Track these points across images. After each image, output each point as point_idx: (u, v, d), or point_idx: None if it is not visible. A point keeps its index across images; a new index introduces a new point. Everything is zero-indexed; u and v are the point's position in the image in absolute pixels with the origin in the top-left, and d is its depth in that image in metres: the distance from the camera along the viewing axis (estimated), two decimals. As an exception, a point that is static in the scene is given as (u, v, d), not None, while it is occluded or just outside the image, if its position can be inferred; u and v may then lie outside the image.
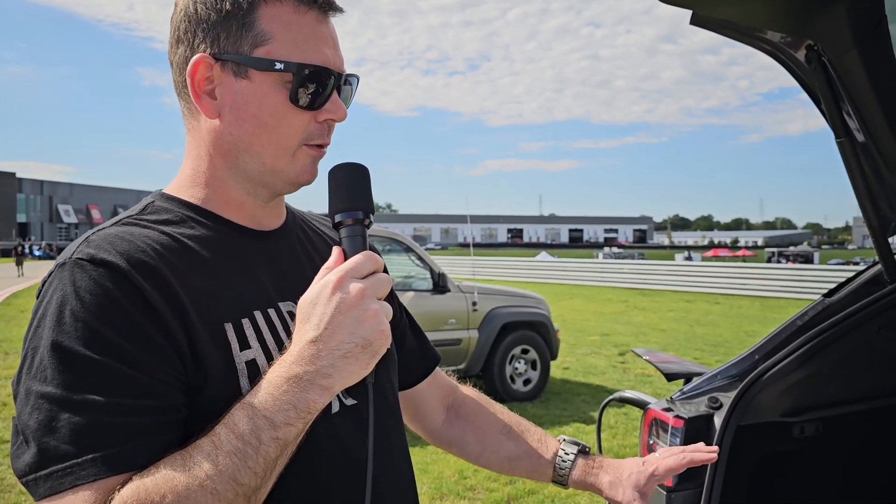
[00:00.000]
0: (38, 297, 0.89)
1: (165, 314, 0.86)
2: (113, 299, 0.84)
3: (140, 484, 0.77)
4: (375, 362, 0.87)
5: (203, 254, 0.97)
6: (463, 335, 7.46)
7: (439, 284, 7.38)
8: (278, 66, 0.94)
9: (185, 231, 0.98)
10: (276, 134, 0.97)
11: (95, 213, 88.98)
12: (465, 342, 7.47)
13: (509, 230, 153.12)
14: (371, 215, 0.97)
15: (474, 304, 7.59)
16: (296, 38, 0.95)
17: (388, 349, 1.17)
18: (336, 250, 0.93)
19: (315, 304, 0.86)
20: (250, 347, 0.93)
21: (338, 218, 0.95)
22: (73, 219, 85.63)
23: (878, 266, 2.39)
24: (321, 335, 0.83)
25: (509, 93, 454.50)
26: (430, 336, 6.17)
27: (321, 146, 1.01)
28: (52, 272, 0.89)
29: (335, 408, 1.00)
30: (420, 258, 7.54)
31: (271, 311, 0.99)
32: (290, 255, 1.08)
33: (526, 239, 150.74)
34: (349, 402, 1.03)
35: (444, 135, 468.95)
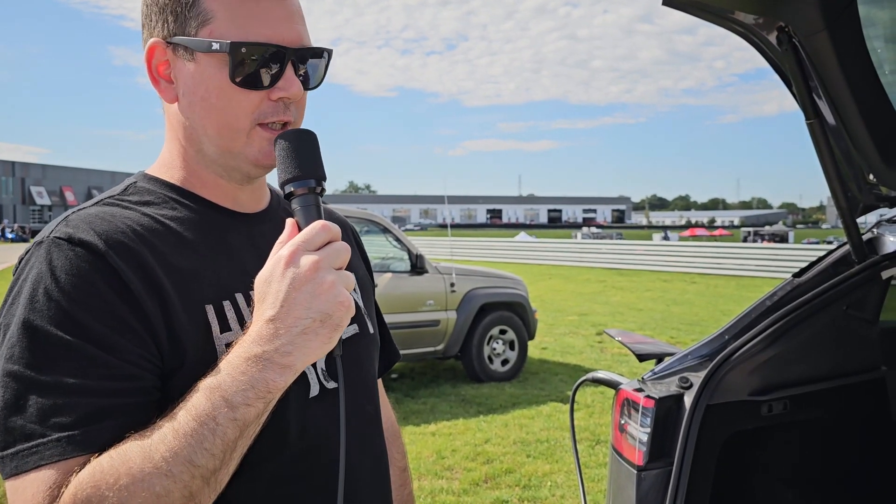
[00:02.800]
0: (14, 274, 0.88)
1: (142, 296, 0.86)
2: (88, 280, 0.83)
3: (97, 465, 0.77)
4: (338, 335, 0.84)
5: (185, 235, 0.96)
6: (441, 316, 7.48)
7: (417, 266, 7.37)
8: (214, 45, 0.92)
9: (166, 212, 0.97)
10: (225, 115, 0.95)
11: (69, 195, 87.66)
12: (443, 323, 7.48)
13: (489, 210, 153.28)
14: (323, 182, 0.93)
15: (452, 285, 7.60)
16: (235, 15, 0.93)
17: (370, 332, 1.17)
18: (290, 223, 0.90)
19: (269, 282, 0.83)
20: (231, 329, 0.93)
21: (288, 188, 0.91)
22: (46, 201, 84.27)
23: (847, 246, 2.42)
24: (278, 313, 0.81)
25: (487, 73, 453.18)
26: (408, 317, 6.26)
27: (280, 125, 0.97)
28: (29, 250, 0.88)
29: (314, 391, 1.00)
30: (397, 239, 7.52)
31: (253, 294, 0.98)
32: (274, 237, 1.08)
33: (505, 219, 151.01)
34: (330, 385, 1.02)
35: (422, 115, 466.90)
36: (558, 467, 5.20)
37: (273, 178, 1.11)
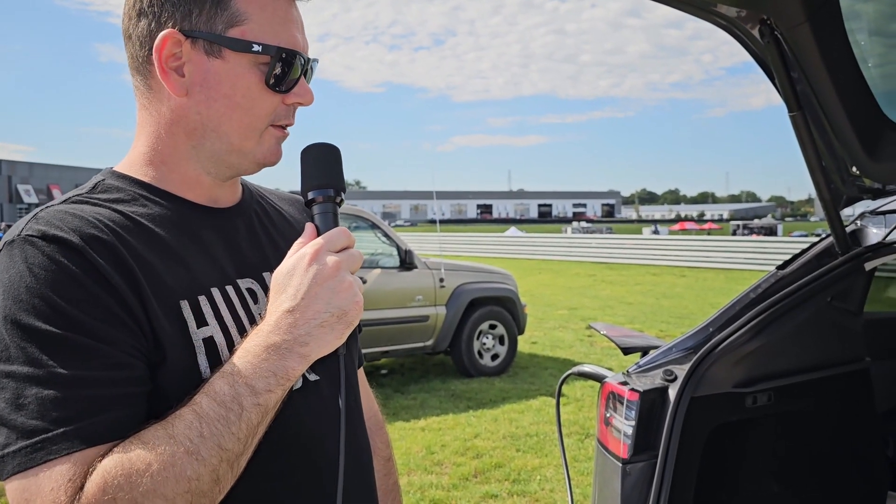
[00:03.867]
0: None
1: (123, 289, 0.85)
2: (68, 273, 0.82)
3: (123, 454, 0.77)
4: (349, 332, 0.89)
5: (157, 232, 0.94)
6: (430, 312, 7.48)
7: (406, 261, 7.37)
8: (256, 47, 0.94)
9: (137, 209, 0.95)
10: (248, 115, 0.97)
11: (57, 193, 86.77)
12: (432, 318, 7.48)
13: (479, 206, 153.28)
14: (342, 193, 0.99)
15: (441, 280, 7.60)
16: (271, 20, 0.95)
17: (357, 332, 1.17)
18: (309, 226, 0.96)
19: (291, 276, 0.88)
20: (207, 325, 0.93)
21: (310, 195, 0.98)
22: (33, 199, 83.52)
23: (830, 238, 2.43)
24: (298, 305, 0.85)
25: (475, 68, 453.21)
26: (398, 313, 6.26)
27: (285, 127, 1.02)
28: None
29: (298, 384, 1.00)
30: (386, 235, 7.51)
31: (229, 289, 0.98)
32: (248, 231, 1.08)
33: (495, 214, 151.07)
34: (312, 377, 1.03)
35: (411, 111, 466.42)
36: (548, 461, 5.21)
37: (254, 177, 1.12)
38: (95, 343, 0.81)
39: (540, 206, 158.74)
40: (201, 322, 0.92)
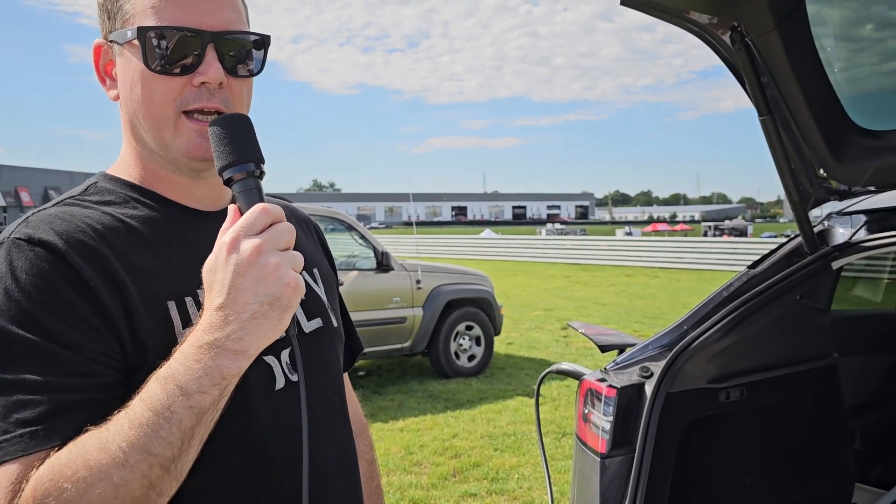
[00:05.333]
0: None
1: (103, 294, 0.86)
2: (48, 280, 0.84)
3: (55, 459, 0.78)
4: (289, 316, 0.84)
5: (145, 233, 0.97)
6: (408, 313, 7.50)
7: (383, 263, 7.38)
8: (129, 34, 0.94)
9: (127, 211, 0.98)
10: (149, 104, 0.95)
11: (25, 196, 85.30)
12: (409, 320, 7.50)
13: (453, 208, 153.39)
14: (262, 165, 0.91)
15: (418, 282, 7.62)
16: (154, 5, 0.93)
17: (334, 325, 1.18)
18: (231, 209, 0.90)
19: (215, 271, 0.83)
20: (193, 324, 0.93)
21: (227, 175, 0.90)
22: (0, 201, 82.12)
23: (799, 238, 2.51)
24: (226, 301, 0.81)
25: (449, 70, 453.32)
26: (375, 315, 6.25)
27: (209, 113, 0.96)
28: None
29: (279, 384, 1.01)
30: (363, 237, 7.52)
31: None
32: None
33: (470, 216, 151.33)
34: (294, 377, 1.03)
35: (385, 113, 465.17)
36: (525, 460, 5.27)
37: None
38: (63, 350, 0.82)
39: (514, 207, 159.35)
40: (186, 322, 0.93)
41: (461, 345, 7.96)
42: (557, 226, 62.90)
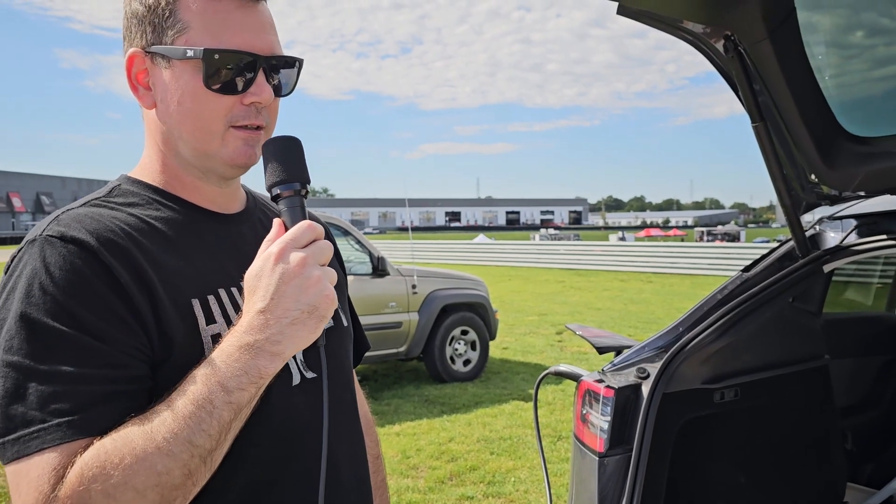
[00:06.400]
0: (6, 272, 0.92)
1: (132, 290, 0.91)
2: (81, 275, 0.88)
3: (100, 446, 0.82)
4: (323, 326, 0.91)
5: (169, 234, 1.01)
6: (403, 318, 7.53)
7: (379, 268, 7.41)
8: (189, 52, 0.98)
9: (150, 213, 1.02)
10: (199, 118, 1.01)
11: (16, 201, 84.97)
12: (405, 325, 7.54)
13: (447, 213, 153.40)
14: (307, 185, 0.99)
15: (414, 286, 7.65)
16: (209, 24, 0.99)
17: (344, 325, 1.23)
18: (276, 222, 0.97)
19: (260, 277, 0.89)
20: (216, 322, 0.99)
21: (275, 191, 0.98)
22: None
23: (792, 242, 2.56)
24: (268, 305, 0.87)
25: (442, 76, 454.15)
26: (371, 319, 6.27)
27: (254, 127, 1.03)
28: (21, 248, 0.92)
29: (296, 380, 1.06)
30: (359, 242, 7.55)
31: (234, 290, 1.04)
32: (252, 237, 1.13)
33: (464, 222, 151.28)
34: (309, 374, 1.08)
35: (379, 118, 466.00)
36: (521, 463, 5.30)
37: (250, 182, 1.16)
38: (96, 342, 0.86)
39: (508, 213, 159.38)
40: (210, 320, 0.98)
41: (457, 349, 7.99)
42: (551, 231, 63.00)
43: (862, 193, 2.35)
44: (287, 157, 0.99)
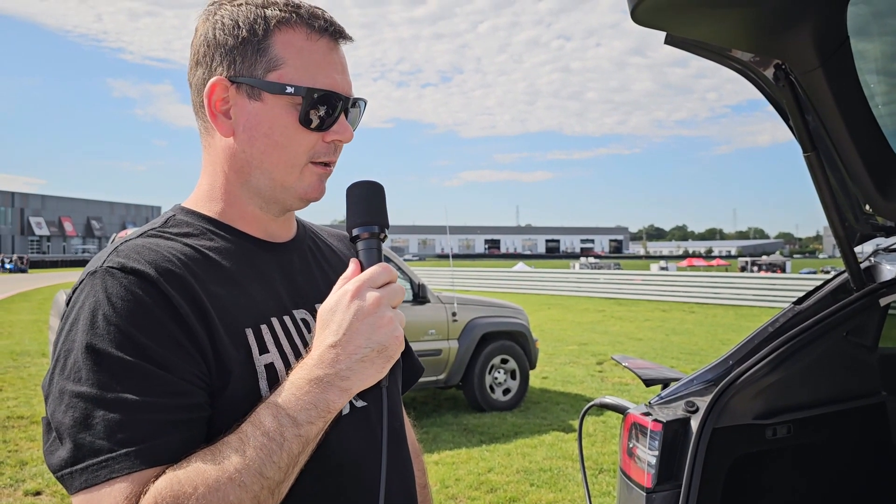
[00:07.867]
0: (68, 304, 0.94)
1: (191, 319, 0.92)
2: (143, 305, 0.90)
3: (173, 476, 0.83)
4: (390, 366, 0.94)
5: (223, 264, 1.03)
6: (443, 345, 7.51)
7: (419, 295, 7.42)
8: (289, 89, 1.00)
9: (205, 243, 1.04)
10: (286, 152, 1.03)
11: (68, 226, 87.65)
12: (445, 352, 7.51)
13: (486, 241, 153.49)
14: (386, 229, 1.04)
15: (454, 314, 7.64)
16: (307, 63, 1.02)
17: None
18: (353, 262, 1.00)
19: (334, 312, 0.92)
20: (269, 351, 0.99)
21: (355, 232, 1.02)
22: (45, 231, 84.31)
23: (845, 274, 2.49)
24: (340, 340, 0.90)
25: (482, 104, 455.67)
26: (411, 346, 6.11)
27: (327, 164, 1.07)
28: (82, 279, 0.94)
29: (345, 409, 1.06)
30: (400, 269, 7.58)
31: (286, 319, 1.05)
32: (303, 265, 1.14)
33: (503, 249, 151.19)
34: (359, 404, 1.08)
35: (418, 146, 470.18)
36: (562, 496, 5.21)
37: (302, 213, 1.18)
38: (160, 371, 0.87)
39: (547, 241, 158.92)
40: (263, 349, 0.99)
41: (496, 378, 7.93)
42: (591, 259, 62.47)
43: (919, 225, 2.28)
44: (370, 201, 1.04)
